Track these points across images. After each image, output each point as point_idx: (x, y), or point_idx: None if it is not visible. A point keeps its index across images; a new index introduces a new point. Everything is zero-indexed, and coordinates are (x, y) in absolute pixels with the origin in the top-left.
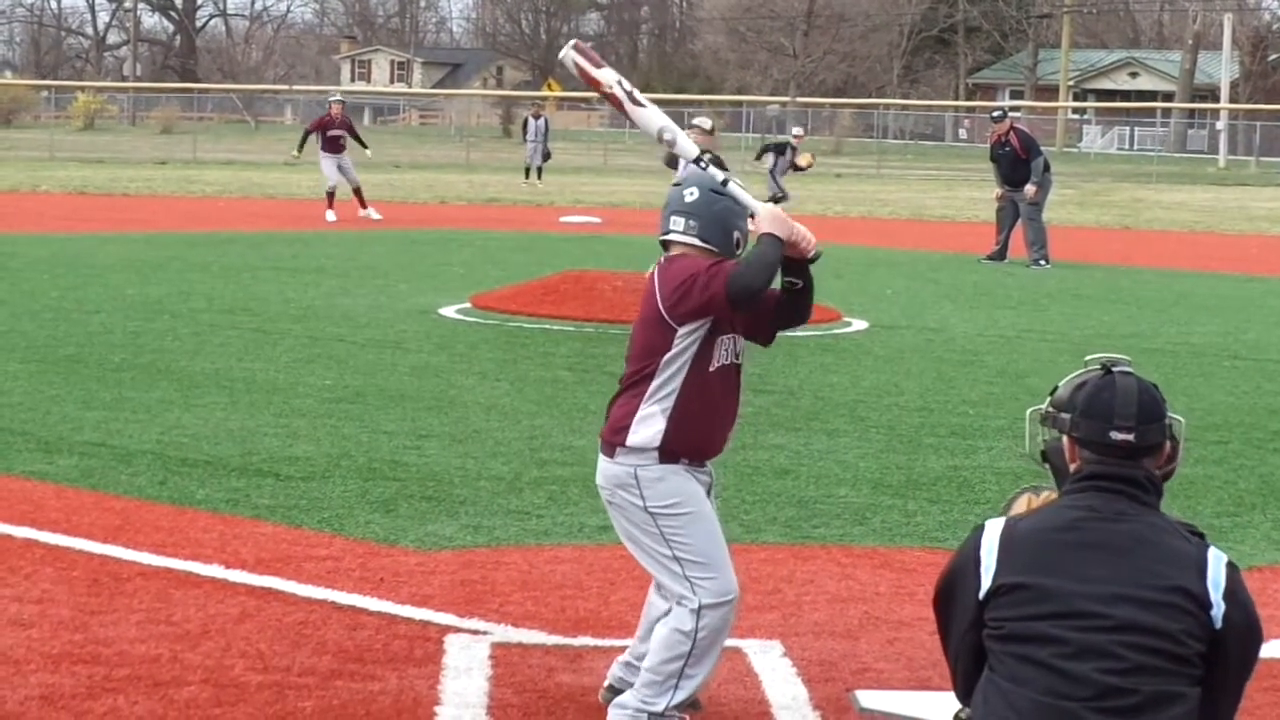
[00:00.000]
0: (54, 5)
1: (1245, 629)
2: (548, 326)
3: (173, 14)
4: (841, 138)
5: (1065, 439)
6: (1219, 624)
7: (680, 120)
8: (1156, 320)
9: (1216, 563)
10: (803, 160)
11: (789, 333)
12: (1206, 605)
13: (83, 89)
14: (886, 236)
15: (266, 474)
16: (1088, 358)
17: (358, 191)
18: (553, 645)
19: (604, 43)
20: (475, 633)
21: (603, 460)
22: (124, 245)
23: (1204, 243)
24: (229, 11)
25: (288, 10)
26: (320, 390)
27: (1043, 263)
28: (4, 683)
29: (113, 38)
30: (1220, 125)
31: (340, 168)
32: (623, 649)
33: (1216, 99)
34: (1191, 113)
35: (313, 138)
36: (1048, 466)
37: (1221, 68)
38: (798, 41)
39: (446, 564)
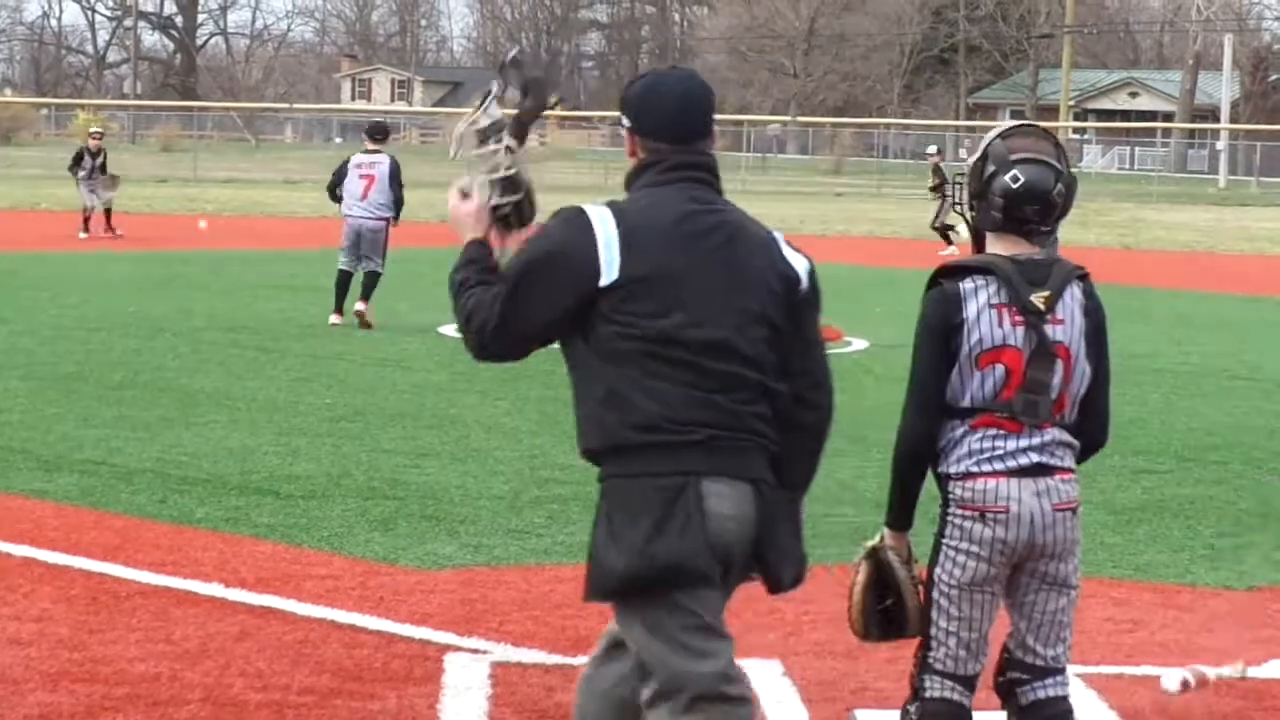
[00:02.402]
0: (54, 23)
1: (817, 290)
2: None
3: (173, 32)
4: (842, 157)
5: (626, 132)
6: (804, 292)
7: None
8: (1156, 340)
9: (779, 237)
10: None
11: None
12: (796, 281)
13: (83, 107)
14: (887, 256)
15: (266, 492)
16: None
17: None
18: (552, 665)
19: (605, 61)
20: (475, 652)
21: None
22: (124, 263)
23: (1204, 263)
24: (229, 30)
25: (288, 29)
26: (320, 409)
27: None
28: (2, 702)
29: (113, 55)
30: (1221, 145)
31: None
32: None
33: (1217, 119)
34: (1192, 133)
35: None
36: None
37: (1222, 88)
38: (798, 61)
39: (446, 583)
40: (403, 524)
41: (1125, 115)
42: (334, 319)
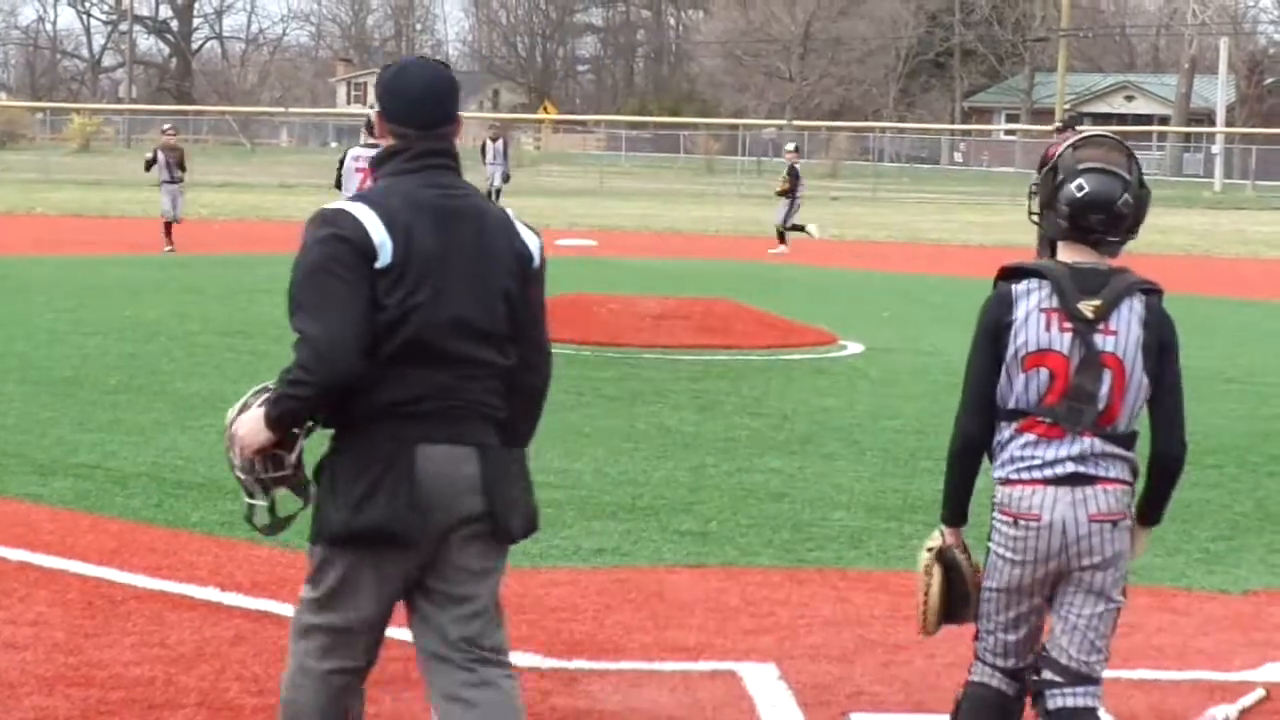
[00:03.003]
0: (49, 27)
1: (544, 262)
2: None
3: (168, 36)
4: (837, 161)
5: (375, 116)
6: (535, 268)
7: (675, 143)
8: None
9: (513, 215)
10: None
11: (784, 356)
12: (530, 258)
13: (78, 111)
14: (882, 260)
15: None
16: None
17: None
18: (548, 668)
19: (600, 66)
20: None
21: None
22: (120, 267)
23: (1200, 266)
24: (225, 34)
25: (284, 33)
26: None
27: None
28: None
29: (108, 60)
30: (1216, 149)
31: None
32: (616, 673)
33: (1212, 122)
34: (1187, 136)
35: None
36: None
37: (1218, 91)
38: (794, 65)
39: None
40: None
41: (1121, 119)
42: None
